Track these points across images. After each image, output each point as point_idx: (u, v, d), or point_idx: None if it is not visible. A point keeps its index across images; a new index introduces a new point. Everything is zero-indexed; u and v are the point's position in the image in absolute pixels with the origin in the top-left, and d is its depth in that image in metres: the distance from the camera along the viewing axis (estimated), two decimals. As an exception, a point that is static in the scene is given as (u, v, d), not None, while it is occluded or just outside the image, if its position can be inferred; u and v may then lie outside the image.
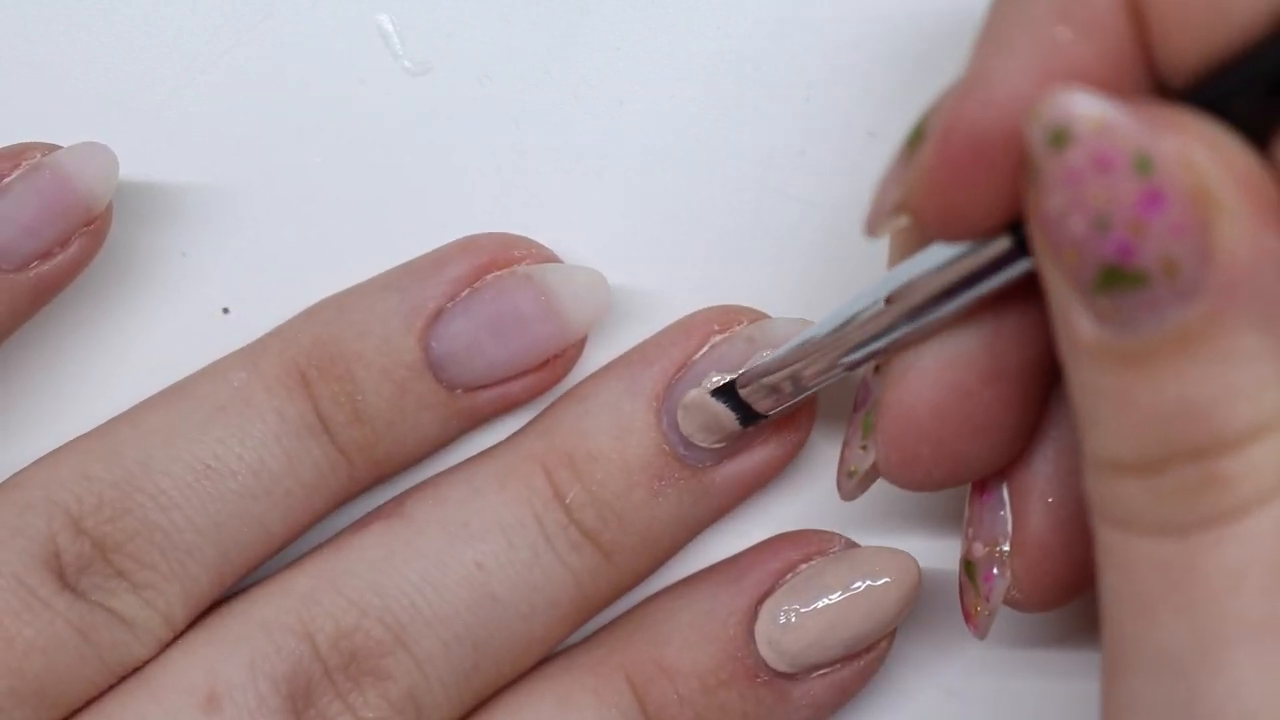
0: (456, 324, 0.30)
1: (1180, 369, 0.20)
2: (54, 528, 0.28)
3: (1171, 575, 0.21)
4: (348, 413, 0.29)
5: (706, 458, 0.30)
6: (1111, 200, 0.20)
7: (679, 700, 0.29)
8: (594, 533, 0.29)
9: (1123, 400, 0.21)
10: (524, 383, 0.30)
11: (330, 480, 0.29)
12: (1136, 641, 0.21)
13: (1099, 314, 0.21)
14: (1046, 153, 0.20)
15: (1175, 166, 0.20)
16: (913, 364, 0.26)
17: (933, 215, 0.23)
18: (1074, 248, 0.21)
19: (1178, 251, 0.20)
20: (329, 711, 0.28)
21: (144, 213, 0.31)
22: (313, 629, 0.28)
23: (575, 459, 0.29)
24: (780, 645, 0.29)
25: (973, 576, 0.28)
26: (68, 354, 0.31)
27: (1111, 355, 0.21)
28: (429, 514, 0.29)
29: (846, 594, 0.29)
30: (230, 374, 0.29)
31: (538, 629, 0.29)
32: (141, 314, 0.31)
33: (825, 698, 0.30)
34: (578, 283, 0.30)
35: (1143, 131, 0.20)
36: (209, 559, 0.29)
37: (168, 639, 0.28)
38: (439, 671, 0.28)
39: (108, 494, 0.28)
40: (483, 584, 0.29)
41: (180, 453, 0.29)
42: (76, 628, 0.28)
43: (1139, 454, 0.21)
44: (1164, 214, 0.20)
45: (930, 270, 0.25)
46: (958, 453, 0.26)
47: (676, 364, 0.30)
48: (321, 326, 0.30)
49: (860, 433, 0.28)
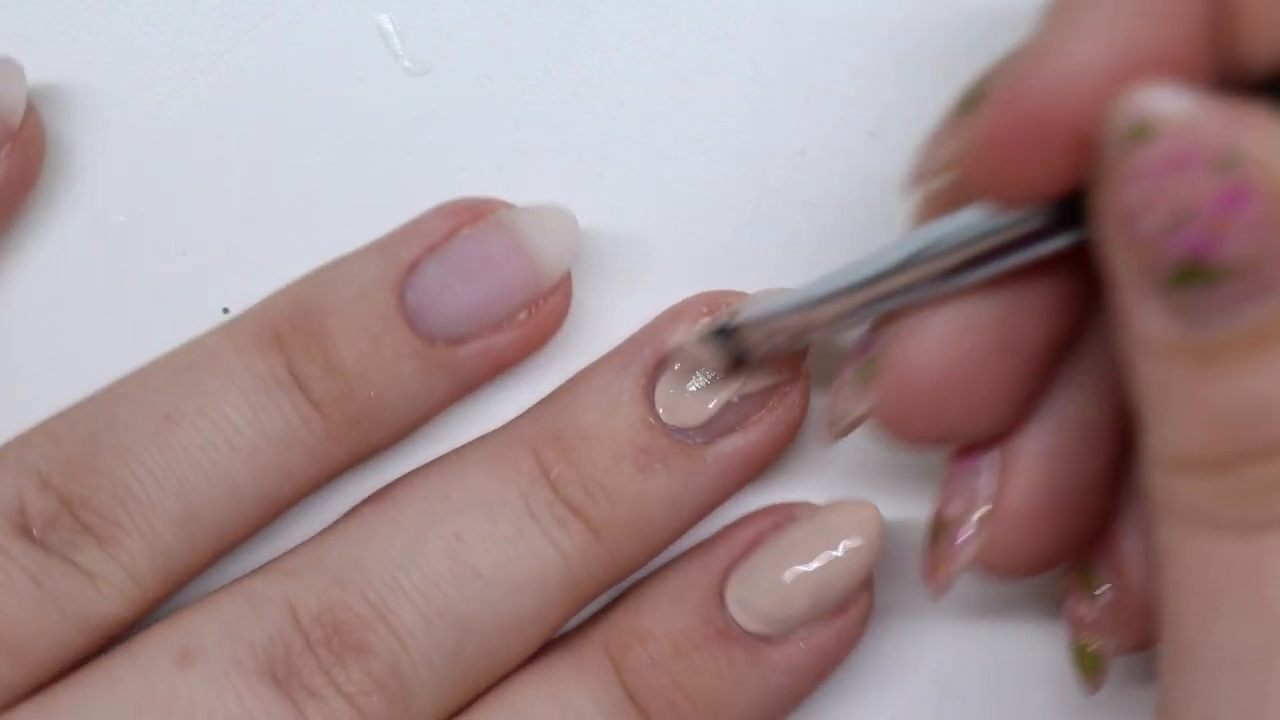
0: (429, 272, 0.29)
1: (1254, 367, 0.20)
2: (21, 485, 0.28)
3: (1237, 574, 0.21)
4: (320, 366, 0.29)
5: (697, 435, 0.30)
6: (1192, 197, 0.20)
7: (651, 663, 0.29)
8: (581, 508, 0.29)
9: (1193, 397, 0.21)
10: (508, 337, 0.30)
11: (303, 435, 0.29)
12: (1198, 640, 0.21)
13: (1172, 310, 0.21)
14: (1126, 146, 0.20)
15: (1259, 164, 0.20)
16: (924, 324, 0.26)
17: (984, 176, 0.23)
18: (1150, 243, 0.21)
19: (1257, 249, 0.20)
20: (312, 683, 0.28)
21: (144, 212, 0.31)
22: (295, 602, 0.28)
23: (563, 437, 0.29)
24: (748, 603, 0.29)
25: (942, 535, 0.28)
26: (68, 354, 0.31)
27: (1183, 351, 0.21)
28: (413, 493, 0.29)
29: (811, 548, 0.29)
30: (207, 338, 0.29)
31: (525, 608, 0.29)
32: (141, 314, 0.31)
33: (803, 660, 0.29)
34: (546, 221, 0.30)
35: (1227, 128, 0.20)
36: (172, 513, 0.28)
37: (135, 595, 0.28)
38: (422, 647, 0.28)
39: (74, 451, 0.28)
40: (463, 557, 0.28)
41: (144, 407, 0.29)
42: (31, 575, 0.27)
43: (1208, 452, 0.21)
44: (1245, 211, 0.20)
45: (964, 233, 0.25)
46: (953, 417, 0.26)
47: (667, 346, 0.30)
48: (299, 288, 0.30)
49: (856, 379, 0.28)
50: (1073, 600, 0.29)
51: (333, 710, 0.27)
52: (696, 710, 0.29)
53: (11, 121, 0.29)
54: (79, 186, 0.31)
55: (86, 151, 0.31)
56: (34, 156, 0.30)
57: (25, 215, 0.31)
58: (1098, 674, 0.29)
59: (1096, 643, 0.29)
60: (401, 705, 0.28)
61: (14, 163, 0.29)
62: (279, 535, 0.30)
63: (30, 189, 0.30)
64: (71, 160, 0.31)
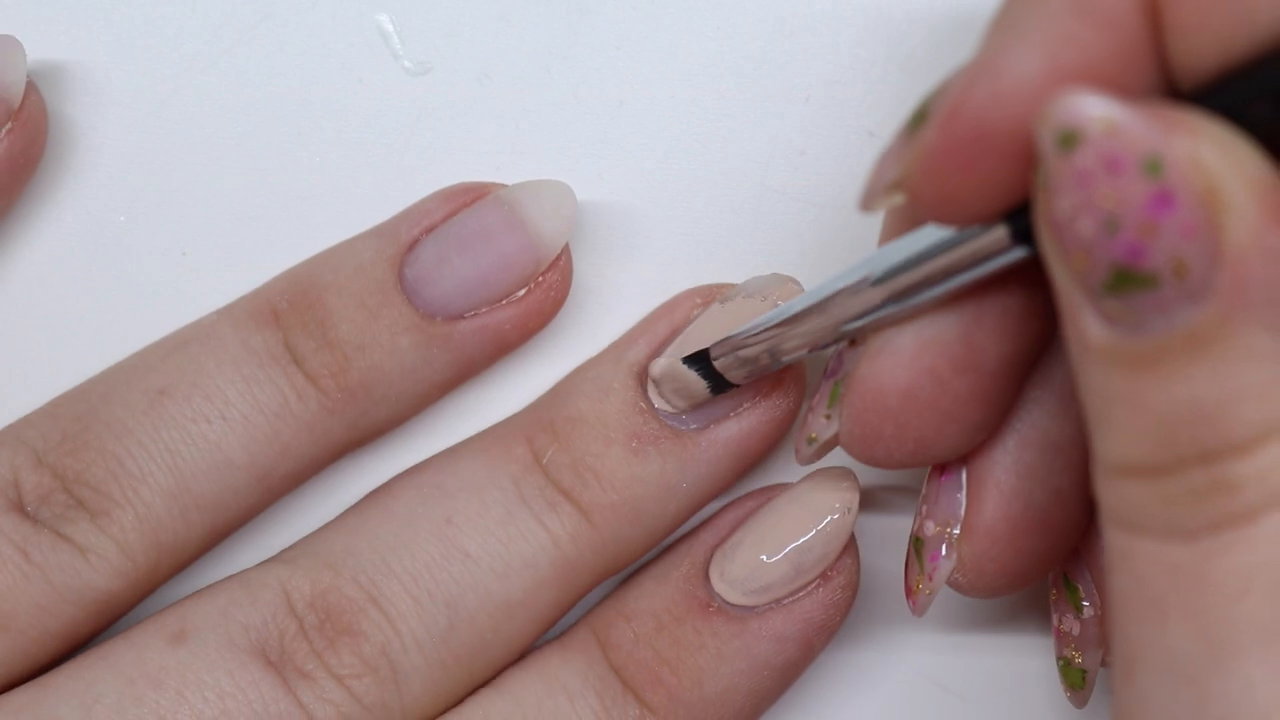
0: (428, 248, 0.29)
1: (1189, 371, 0.20)
2: (17, 462, 0.28)
3: (1180, 579, 0.21)
4: (317, 339, 0.29)
5: (691, 421, 0.30)
6: (1121, 201, 0.20)
7: (635, 638, 0.29)
8: (571, 491, 0.29)
9: (1132, 403, 0.21)
10: (508, 313, 0.30)
11: (297, 408, 0.29)
12: (1146, 645, 0.21)
13: (1108, 316, 0.21)
14: (1056, 154, 0.20)
15: (1185, 167, 0.20)
16: (888, 343, 0.26)
17: (928, 197, 0.23)
18: (1084, 249, 0.21)
19: (1187, 252, 0.20)
20: (305, 667, 0.28)
21: (144, 212, 0.31)
22: (289, 588, 0.28)
23: (556, 424, 0.30)
24: (729, 575, 0.29)
25: (920, 554, 0.28)
26: (68, 354, 0.30)
27: (1121, 358, 0.21)
28: (407, 484, 0.30)
29: (789, 516, 0.29)
30: (205, 318, 0.30)
31: (516, 590, 0.29)
32: (142, 314, 0.31)
33: (788, 628, 0.29)
34: (543, 195, 0.30)
35: (1153, 133, 0.20)
36: (163, 485, 0.28)
37: (126, 567, 0.28)
38: (412, 629, 0.28)
39: (70, 429, 0.28)
40: (452, 539, 0.29)
41: (138, 383, 0.29)
42: (19, 548, 0.28)
43: (1148, 457, 0.21)
44: (1173, 215, 0.20)
45: (920, 252, 0.25)
46: (920, 436, 0.26)
47: (661, 337, 0.30)
48: (298, 269, 0.30)
49: (826, 401, 0.28)
50: (1058, 615, 0.29)
51: (323, 691, 0.28)
52: (681, 681, 0.29)
53: (12, 98, 0.29)
54: (79, 187, 0.31)
55: (87, 151, 0.31)
56: (37, 135, 0.30)
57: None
58: (1083, 687, 0.29)
59: (1080, 657, 0.29)
60: (393, 686, 0.28)
61: (16, 141, 0.29)
62: (282, 533, 0.31)
63: (34, 168, 0.30)
64: (72, 160, 0.31)
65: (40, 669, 0.28)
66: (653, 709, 0.29)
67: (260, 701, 0.27)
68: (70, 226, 0.31)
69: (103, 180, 0.31)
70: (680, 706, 0.29)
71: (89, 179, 0.31)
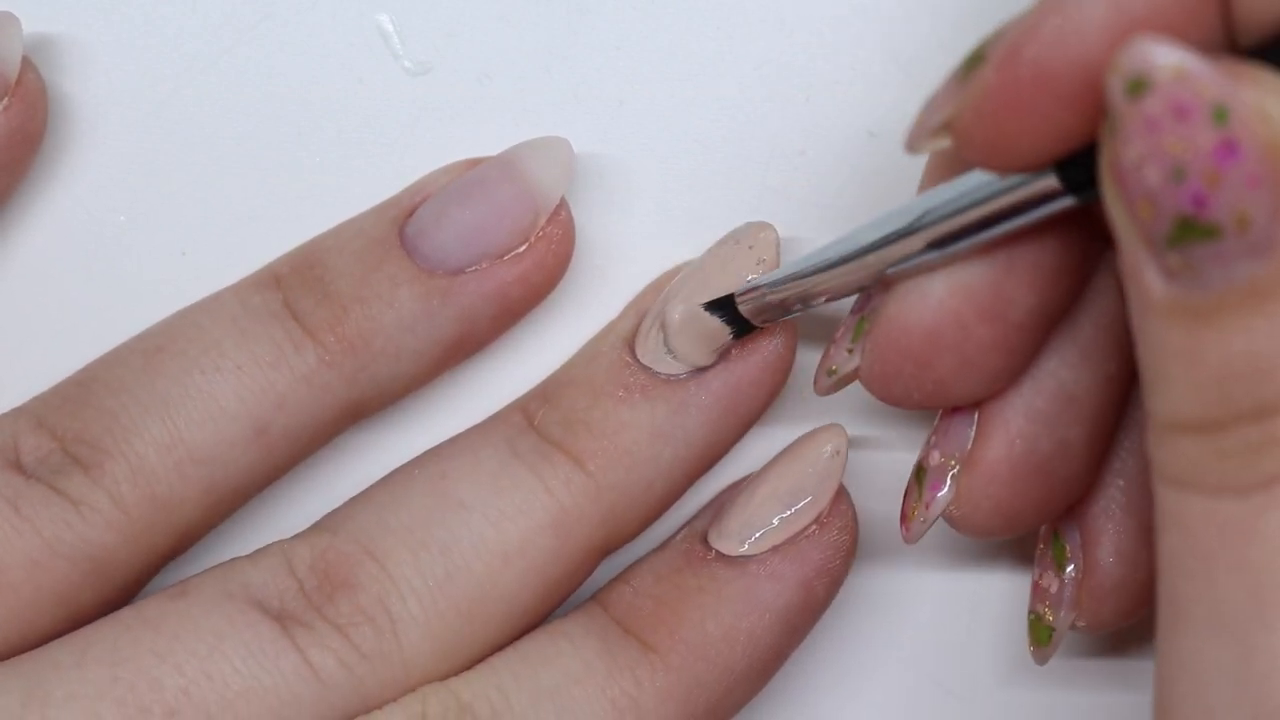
0: (428, 207, 0.30)
1: (1248, 325, 0.20)
2: (18, 426, 0.28)
3: (1229, 534, 0.21)
4: (316, 296, 0.29)
5: (678, 375, 0.30)
6: (1188, 150, 0.20)
7: (634, 592, 0.29)
8: (563, 442, 0.29)
9: (1189, 358, 0.21)
10: (511, 271, 0.30)
11: (294, 360, 0.29)
12: (1192, 601, 0.21)
13: (1170, 271, 0.21)
14: (1125, 100, 0.20)
15: (1252, 118, 0.20)
16: (918, 285, 0.26)
17: (979, 139, 0.23)
18: (1149, 198, 0.20)
19: (1251, 204, 0.20)
20: (304, 618, 0.28)
21: (144, 212, 0.31)
22: (291, 555, 0.28)
23: (547, 390, 0.30)
24: (725, 529, 0.29)
25: (921, 482, 0.28)
26: (68, 354, 0.30)
27: (1181, 311, 0.21)
28: (411, 460, 0.30)
29: (779, 466, 0.30)
30: (210, 296, 0.30)
31: (512, 537, 0.29)
32: (142, 314, 0.31)
33: (786, 568, 0.29)
34: (540, 148, 0.30)
35: (1221, 82, 0.20)
36: (156, 436, 0.28)
37: (119, 520, 0.28)
38: (408, 578, 0.28)
39: (71, 392, 0.29)
40: (447, 491, 0.29)
41: (137, 345, 0.29)
42: (9, 501, 0.28)
43: (1203, 413, 0.21)
44: (1238, 165, 0.20)
45: (963, 199, 0.25)
46: (939, 379, 0.26)
47: (649, 308, 0.30)
48: (306, 243, 0.30)
49: (850, 335, 0.28)
50: (1039, 569, 0.29)
51: (321, 638, 0.28)
52: (683, 622, 0.29)
53: (9, 72, 0.29)
54: (79, 187, 0.31)
55: (87, 151, 0.31)
56: (36, 110, 0.30)
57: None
58: (1048, 645, 0.29)
59: (1051, 615, 0.29)
60: (391, 635, 0.28)
61: (15, 115, 0.29)
62: (288, 533, 0.31)
63: (36, 145, 0.30)
64: (71, 160, 0.31)
65: (41, 638, 0.28)
66: (654, 648, 0.29)
67: (257, 643, 0.27)
68: (70, 226, 0.31)
69: (103, 180, 0.31)
70: (682, 645, 0.29)
71: (89, 179, 0.31)
